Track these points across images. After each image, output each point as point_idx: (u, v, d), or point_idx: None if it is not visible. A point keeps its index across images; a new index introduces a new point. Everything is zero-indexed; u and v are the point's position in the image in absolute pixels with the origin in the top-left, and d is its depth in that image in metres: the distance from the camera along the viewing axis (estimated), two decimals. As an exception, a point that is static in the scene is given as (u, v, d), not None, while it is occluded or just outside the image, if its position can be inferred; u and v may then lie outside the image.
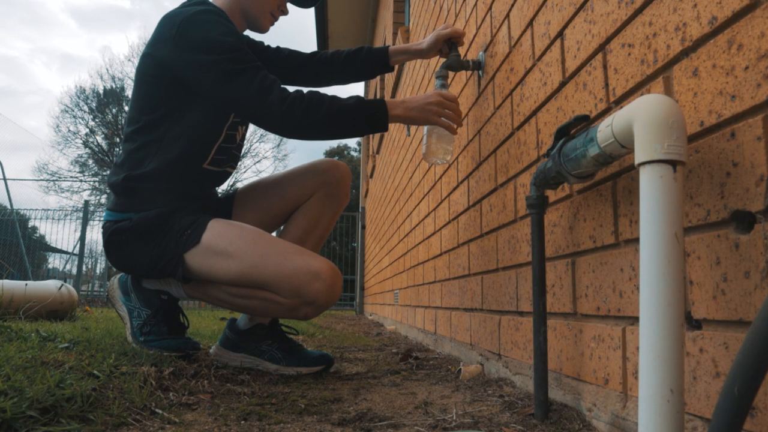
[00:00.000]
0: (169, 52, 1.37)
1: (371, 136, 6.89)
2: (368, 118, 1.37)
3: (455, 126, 1.43)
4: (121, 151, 1.52)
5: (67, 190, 18.55)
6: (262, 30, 1.59)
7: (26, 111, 49.63)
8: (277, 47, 1.75)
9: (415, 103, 1.39)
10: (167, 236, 1.39)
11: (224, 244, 1.35)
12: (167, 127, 1.44)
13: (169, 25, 1.37)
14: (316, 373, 1.51)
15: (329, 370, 1.55)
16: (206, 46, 1.34)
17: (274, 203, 1.64)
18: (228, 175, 1.62)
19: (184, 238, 1.37)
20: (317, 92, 1.37)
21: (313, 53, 1.76)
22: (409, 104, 1.39)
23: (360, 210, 7.97)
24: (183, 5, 1.47)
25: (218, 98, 1.38)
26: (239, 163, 1.69)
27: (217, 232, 1.37)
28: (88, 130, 19.12)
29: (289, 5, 1.65)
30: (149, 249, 1.40)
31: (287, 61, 1.74)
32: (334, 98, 1.36)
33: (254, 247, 1.34)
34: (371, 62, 1.71)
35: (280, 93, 1.33)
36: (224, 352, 1.53)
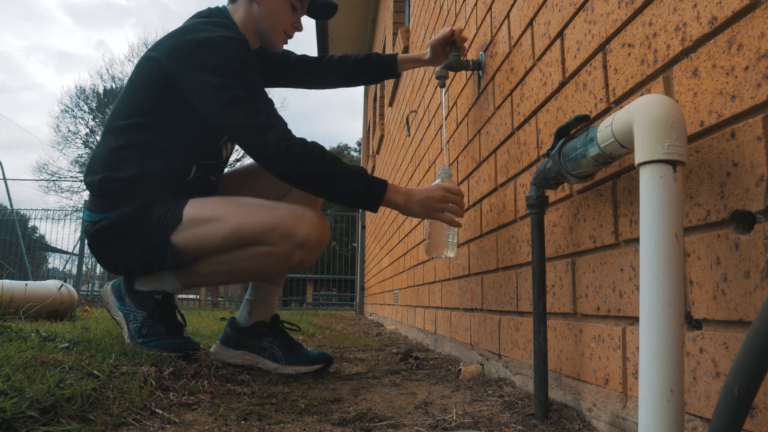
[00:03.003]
0: (180, 66, 1.36)
1: (371, 136, 6.89)
2: (363, 192, 1.33)
3: (458, 219, 1.39)
4: (100, 141, 1.49)
5: (67, 190, 18.56)
6: (276, 48, 1.57)
7: (23, 109, 49.13)
8: (284, 52, 1.72)
9: (417, 197, 1.35)
10: (147, 225, 1.39)
11: (208, 212, 1.38)
12: (155, 136, 1.43)
13: (188, 40, 1.36)
14: (315, 372, 1.51)
15: (328, 369, 1.55)
16: (222, 70, 1.33)
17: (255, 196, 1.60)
18: (211, 182, 1.60)
19: (165, 221, 1.38)
20: (321, 147, 1.33)
21: (320, 57, 1.75)
22: (412, 196, 1.35)
23: (360, 210, 7.97)
24: (203, 20, 1.45)
25: (220, 122, 1.35)
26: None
27: (198, 205, 1.40)
28: (88, 130, 19.13)
29: (304, 18, 1.62)
30: (134, 242, 1.41)
31: (295, 65, 1.73)
32: (335, 159, 1.33)
33: (238, 207, 1.38)
34: (380, 68, 1.73)
35: (282, 133, 1.31)
36: (225, 350, 1.53)
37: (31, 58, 54.43)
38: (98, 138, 19.32)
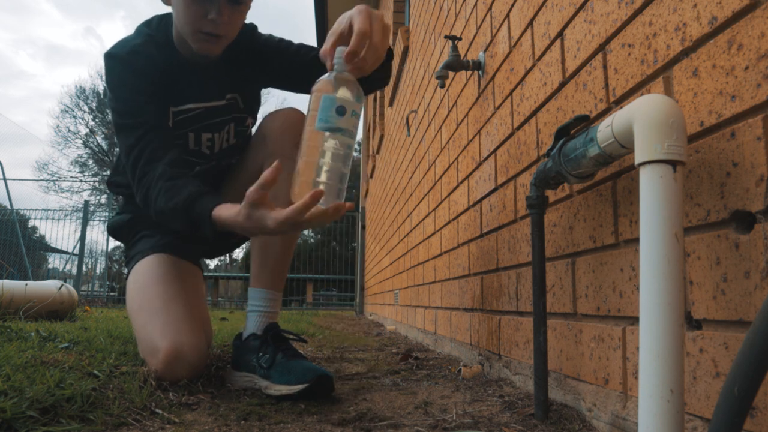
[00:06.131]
0: None
1: (371, 136, 6.88)
2: (188, 227, 1.18)
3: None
4: None
5: (67, 190, 18.60)
6: (202, 52, 1.30)
7: (14, 104, 47.61)
8: (289, 47, 1.46)
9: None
10: (129, 251, 1.53)
11: (131, 287, 1.41)
12: None
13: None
14: (307, 392, 1.15)
15: (326, 390, 1.17)
16: (110, 92, 1.32)
17: (242, 179, 1.48)
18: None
19: (129, 262, 1.50)
20: (160, 181, 1.19)
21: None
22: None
23: (360, 210, 7.97)
24: (138, 26, 1.41)
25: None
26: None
27: (131, 279, 1.42)
28: (88, 130, 19.15)
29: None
30: (126, 248, 1.58)
31: (293, 71, 1.46)
32: (161, 195, 1.19)
33: (138, 301, 1.35)
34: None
35: (142, 167, 1.23)
36: (231, 374, 1.34)
37: (20, 51, 53.25)
38: (98, 138, 19.44)
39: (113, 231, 1.59)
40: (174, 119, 1.39)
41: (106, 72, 1.32)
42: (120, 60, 1.31)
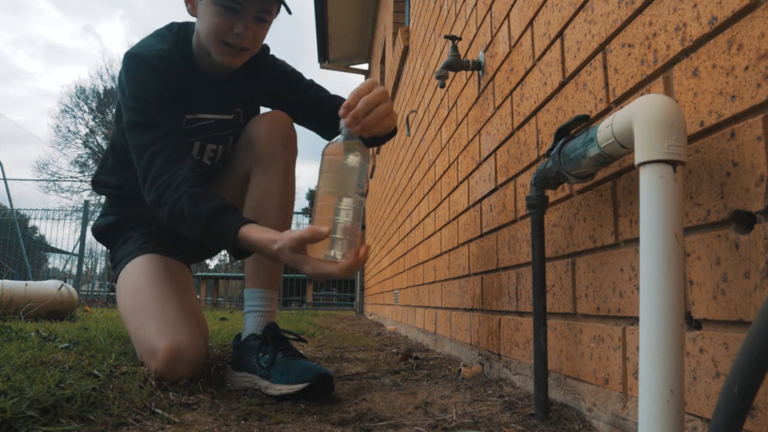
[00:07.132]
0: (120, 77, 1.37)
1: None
2: (206, 235, 1.17)
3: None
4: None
5: (67, 190, 18.61)
6: (224, 63, 1.33)
7: (13, 104, 46.98)
8: (301, 80, 1.52)
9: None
10: (116, 253, 1.51)
11: (122, 290, 1.39)
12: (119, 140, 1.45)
13: (125, 53, 1.36)
14: (307, 392, 1.15)
15: (327, 390, 1.18)
16: (125, 91, 1.30)
17: (229, 183, 1.51)
18: None
19: (117, 265, 1.48)
20: (184, 185, 1.18)
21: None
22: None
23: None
24: (154, 31, 1.42)
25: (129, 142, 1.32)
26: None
27: (122, 282, 1.40)
28: (88, 130, 19.16)
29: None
30: (112, 251, 1.56)
31: (310, 109, 1.50)
32: (185, 199, 1.17)
33: (131, 303, 1.33)
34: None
35: (159, 167, 1.22)
36: (231, 374, 1.33)
37: (19, 51, 52.66)
38: (98, 138, 19.43)
39: (98, 233, 1.57)
40: (186, 126, 1.39)
41: (126, 71, 1.31)
42: (143, 61, 1.31)
